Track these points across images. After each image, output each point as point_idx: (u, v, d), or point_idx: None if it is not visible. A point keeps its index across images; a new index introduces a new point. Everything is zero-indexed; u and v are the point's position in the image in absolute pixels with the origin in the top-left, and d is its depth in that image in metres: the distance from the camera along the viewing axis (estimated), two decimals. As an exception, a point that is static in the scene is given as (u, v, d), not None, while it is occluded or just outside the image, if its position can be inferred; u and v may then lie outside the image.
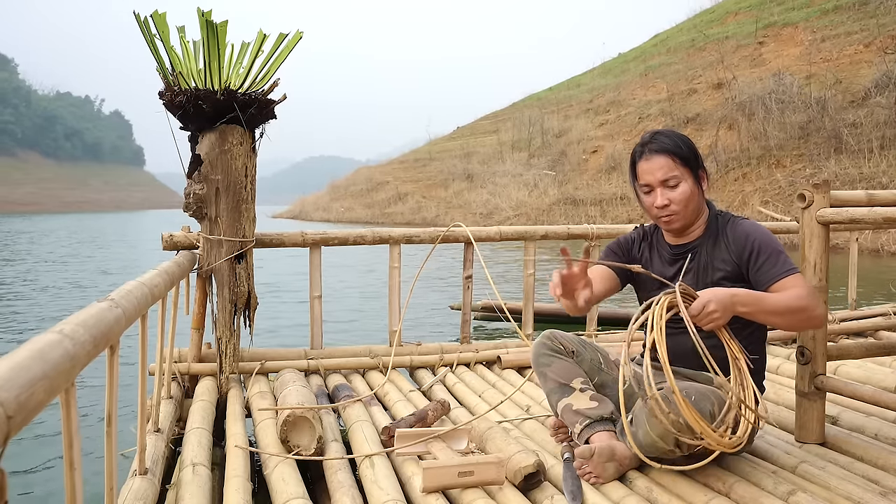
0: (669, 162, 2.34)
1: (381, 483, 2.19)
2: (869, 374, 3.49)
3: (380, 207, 38.19)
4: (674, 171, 2.34)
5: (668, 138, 2.38)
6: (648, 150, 2.37)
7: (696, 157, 2.39)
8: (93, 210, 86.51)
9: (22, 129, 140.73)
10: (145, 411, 2.19)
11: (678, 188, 2.34)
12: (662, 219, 2.40)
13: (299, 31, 3.11)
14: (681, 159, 2.34)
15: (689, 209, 2.37)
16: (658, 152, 2.35)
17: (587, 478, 2.25)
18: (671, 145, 2.35)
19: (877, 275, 10.96)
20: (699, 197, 2.39)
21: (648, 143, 2.39)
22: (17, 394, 0.83)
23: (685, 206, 2.35)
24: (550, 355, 2.54)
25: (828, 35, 25.18)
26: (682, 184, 2.34)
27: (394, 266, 3.90)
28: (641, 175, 2.40)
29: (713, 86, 26.65)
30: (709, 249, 2.39)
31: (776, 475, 2.25)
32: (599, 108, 34.11)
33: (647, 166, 2.37)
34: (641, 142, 2.43)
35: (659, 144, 2.36)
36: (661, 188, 2.35)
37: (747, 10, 31.76)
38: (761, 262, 2.28)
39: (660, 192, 2.35)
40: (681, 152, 2.35)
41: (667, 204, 2.35)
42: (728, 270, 2.34)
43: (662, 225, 2.45)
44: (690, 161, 2.36)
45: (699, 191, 2.39)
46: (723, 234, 2.39)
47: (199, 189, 3.18)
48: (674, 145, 2.35)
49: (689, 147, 2.38)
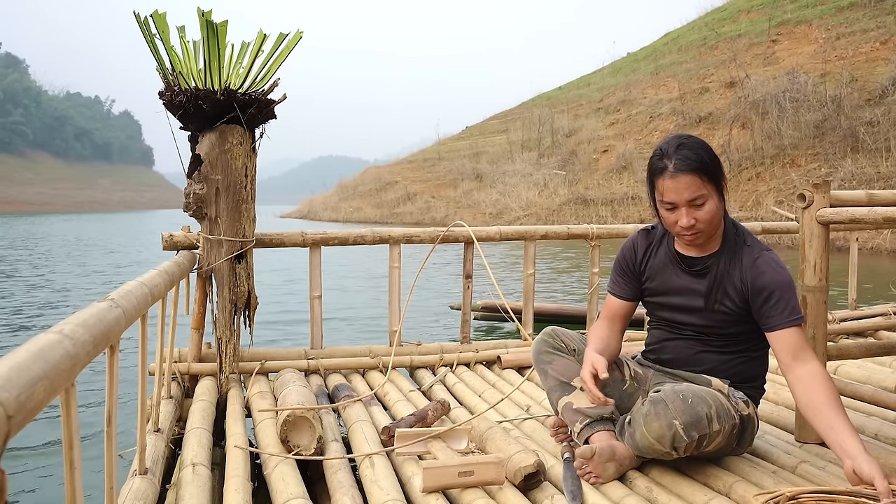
0: (697, 181, 2.18)
1: (381, 483, 2.19)
2: (869, 374, 3.48)
3: (389, 207, 38.20)
4: (702, 191, 2.19)
5: (694, 152, 2.20)
6: (675, 168, 2.19)
7: (720, 167, 2.25)
8: (102, 210, 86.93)
9: (32, 130, 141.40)
10: (145, 411, 2.19)
11: (705, 206, 2.21)
12: (686, 237, 2.28)
13: (299, 31, 3.12)
14: (707, 176, 2.19)
15: (712, 228, 2.27)
16: (685, 171, 2.18)
17: (587, 478, 2.24)
18: (698, 162, 2.18)
19: (878, 275, 10.90)
20: (721, 216, 2.30)
21: (673, 159, 2.20)
22: (17, 394, 0.84)
23: (710, 224, 2.24)
24: (551, 353, 2.53)
25: (843, 32, 25.02)
26: (708, 202, 2.21)
27: (394, 266, 3.89)
28: (665, 192, 2.22)
29: (725, 84, 26.52)
30: (723, 269, 2.30)
31: (776, 475, 2.25)
32: (610, 108, 34.04)
33: (673, 185, 2.19)
34: (663, 153, 2.25)
35: (686, 162, 2.18)
36: (686, 207, 2.21)
37: (760, 7, 31.60)
38: (770, 307, 2.22)
39: (685, 211, 2.21)
40: (707, 168, 2.19)
41: (693, 223, 2.22)
42: (735, 302, 2.29)
43: (684, 242, 2.33)
44: (717, 175, 2.22)
45: (723, 203, 2.28)
46: (739, 260, 2.29)
47: (199, 189, 3.19)
48: (700, 161, 2.19)
49: (714, 159, 2.23)
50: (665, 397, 2.16)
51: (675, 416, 2.11)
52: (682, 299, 2.40)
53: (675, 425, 2.11)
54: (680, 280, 2.40)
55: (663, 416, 2.12)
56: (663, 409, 2.13)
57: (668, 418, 2.12)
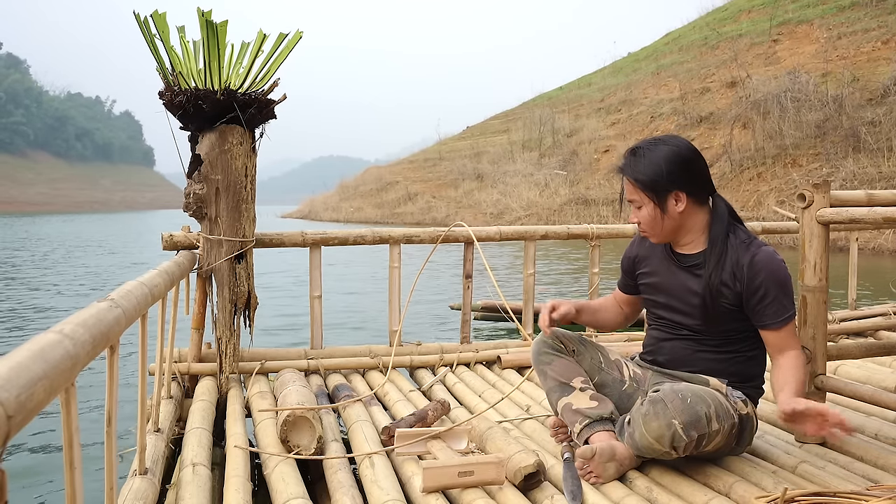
0: (630, 187, 2.35)
1: (381, 483, 2.18)
2: (869, 374, 3.47)
3: (390, 207, 38.21)
4: (633, 195, 2.35)
5: (639, 160, 2.32)
6: (620, 170, 2.39)
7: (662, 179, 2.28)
8: (103, 210, 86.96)
9: (34, 130, 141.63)
10: (145, 411, 2.19)
11: (641, 210, 2.35)
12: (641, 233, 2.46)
13: (299, 31, 3.12)
14: (641, 185, 2.31)
15: (658, 230, 2.36)
16: (625, 176, 2.36)
17: (587, 478, 2.24)
18: (633, 171, 2.32)
19: (879, 275, 10.89)
20: (672, 219, 2.33)
21: (624, 162, 2.38)
22: (17, 394, 0.83)
23: (650, 226, 2.35)
24: (551, 353, 2.53)
25: (844, 32, 25.00)
26: (644, 207, 2.34)
27: (394, 266, 3.89)
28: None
29: (727, 84, 26.52)
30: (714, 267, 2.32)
31: (776, 475, 2.24)
32: (611, 108, 34.06)
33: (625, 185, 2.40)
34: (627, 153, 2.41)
35: (626, 169, 2.35)
36: (633, 207, 2.39)
37: (761, 7, 31.59)
38: (764, 306, 2.26)
39: (632, 210, 2.40)
40: (639, 178, 2.30)
41: (638, 221, 2.39)
42: (730, 300, 2.30)
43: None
44: (651, 187, 2.30)
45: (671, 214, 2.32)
46: (732, 258, 2.30)
47: (199, 189, 3.19)
48: (635, 171, 2.32)
49: (655, 172, 2.28)
50: (664, 397, 2.16)
51: (675, 415, 2.11)
52: (677, 298, 2.41)
53: (675, 425, 2.11)
54: (675, 278, 2.43)
55: (662, 416, 2.13)
56: (662, 409, 2.13)
57: (667, 418, 2.12)
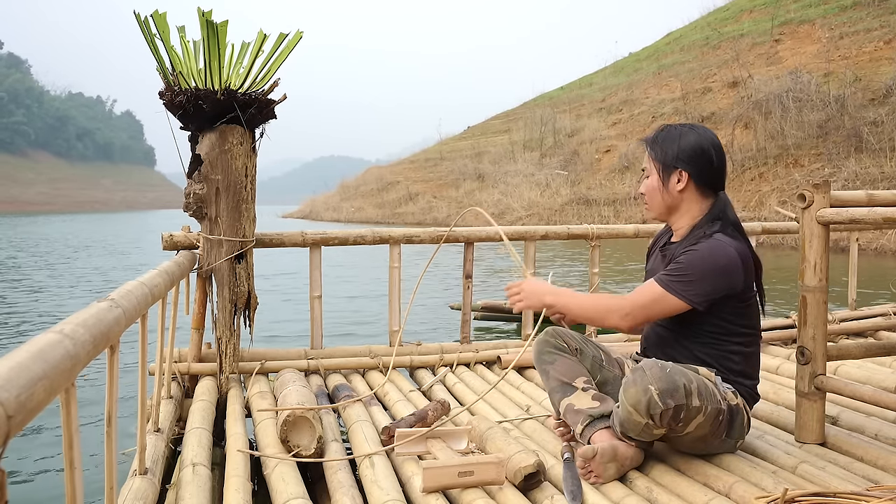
0: (647, 155, 2.53)
1: (381, 483, 2.18)
2: (869, 374, 3.47)
3: (390, 207, 38.21)
4: (646, 164, 2.53)
5: (662, 133, 2.50)
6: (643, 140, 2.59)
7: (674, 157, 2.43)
8: (104, 210, 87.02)
9: (35, 130, 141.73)
10: (145, 411, 2.19)
11: (648, 180, 2.51)
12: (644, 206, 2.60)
13: (300, 30, 3.11)
14: (654, 154, 2.49)
15: (656, 202, 2.49)
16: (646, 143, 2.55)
17: (588, 478, 2.24)
18: (651, 140, 2.51)
19: (880, 276, 10.88)
20: (670, 197, 2.45)
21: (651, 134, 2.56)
22: (17, 394, 0.83)
23: (650, 196, 2.50)
24: (553, 353, 2.54)
25: (846, 32, 24.95)
26: (651, 177, 2.49)
27: (394, 266, 3.89)
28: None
29: (728, 84, 26.49)
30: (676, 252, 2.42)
31: (776, 475, 2.24)
32: (612, 108, 34.04)
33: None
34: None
35: (649, 136, 2.54)
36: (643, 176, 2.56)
37: (762, 7, 31.55)
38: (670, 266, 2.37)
39: (642, 179, 2.56)
40: (655, 148, 2.49)
41: (642, 193, 2.54)
42: None
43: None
44: (661, 159, 2.46)
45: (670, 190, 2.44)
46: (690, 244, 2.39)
47: (199, 189, 3.19)
48: (653, 141, 2.50)
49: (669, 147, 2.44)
50: (644, 365, 2.18)
51: (652, 381, 2.11)
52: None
53: (651, 390, 2.10)
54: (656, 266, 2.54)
55: (640, 382, 2.13)
56: (640, 376, 2.15)
57: (644, 383, 2.12)
